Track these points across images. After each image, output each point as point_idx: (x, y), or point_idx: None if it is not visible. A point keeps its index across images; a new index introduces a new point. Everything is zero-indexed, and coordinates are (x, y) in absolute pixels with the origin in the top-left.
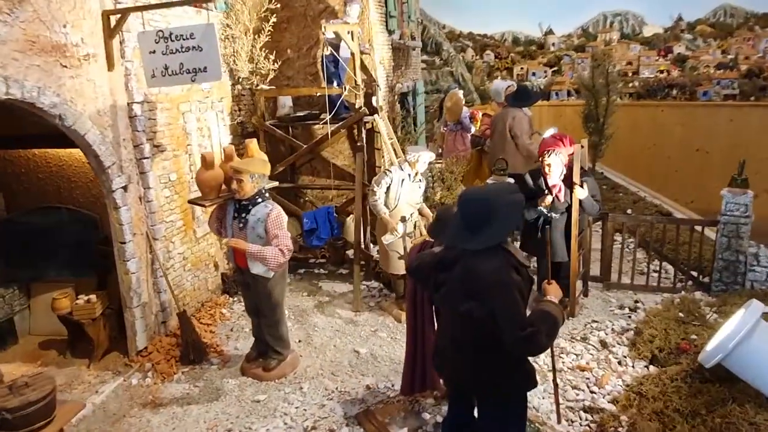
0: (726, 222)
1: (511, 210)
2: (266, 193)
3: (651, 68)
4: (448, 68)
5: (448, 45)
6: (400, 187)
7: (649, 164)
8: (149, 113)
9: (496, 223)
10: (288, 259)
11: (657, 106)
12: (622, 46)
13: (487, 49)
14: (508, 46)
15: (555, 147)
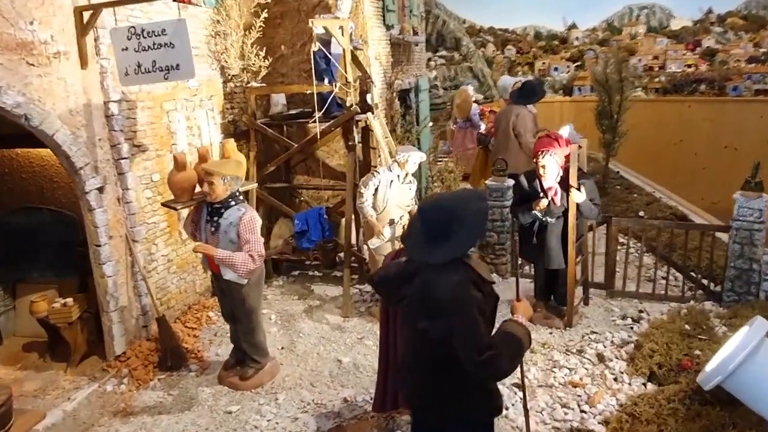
0: (738, 228)
1: (475, 220)
2: (240, 195)
3: (678, 62)
4: (467, 64)
5: (467, 40)
6: (388, 189)
7: (674, 161)
8: (128, 112)
9: (458, 234)
10: (260, 266)
11: (683, 102)
12: (649, 40)
13: (508, 43)
14: (530, 41)
15: (549, 147)
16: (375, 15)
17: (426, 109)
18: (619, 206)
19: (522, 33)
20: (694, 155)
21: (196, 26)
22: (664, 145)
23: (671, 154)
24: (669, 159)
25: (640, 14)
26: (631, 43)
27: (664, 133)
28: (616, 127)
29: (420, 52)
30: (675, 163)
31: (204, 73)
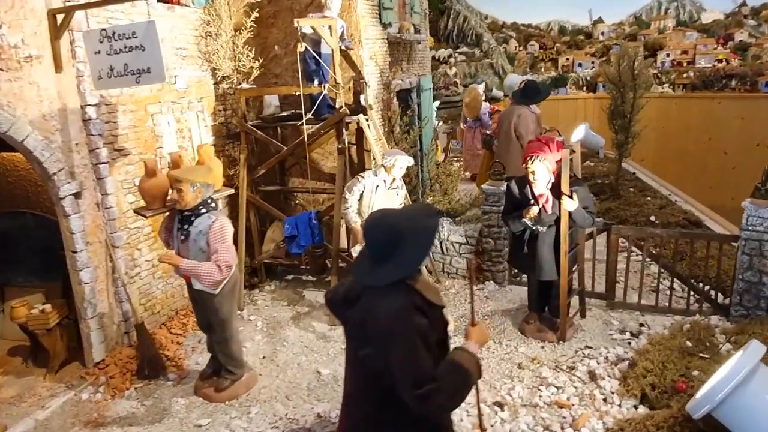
0: (747, 238)
1: (421, 240)
2: (213, 203)
3: (708, 57)
4: (488, 60)
5: (489, 36)
6: (373, 195)
7: (702, 160)
8: (108, 116)
9: (402, 254)
10: (228, 276)
11: (713, 98)
12: (678, 34)
13: (531, 39)
14: (554, 36)
15: (539, 153)
16: (369, 13)
17: (429, 108)
18: (629, 210)
19: (546, 28)
20: (723, 154)
21: (184, 27)
22: (692, 143)
23: (699, 152)
24: (697, 158)
25: (669, 7)
26: (659, 37)
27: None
28: (629, 127)
29: (423, 51)
30: (703, 162)
31: (194, 75)
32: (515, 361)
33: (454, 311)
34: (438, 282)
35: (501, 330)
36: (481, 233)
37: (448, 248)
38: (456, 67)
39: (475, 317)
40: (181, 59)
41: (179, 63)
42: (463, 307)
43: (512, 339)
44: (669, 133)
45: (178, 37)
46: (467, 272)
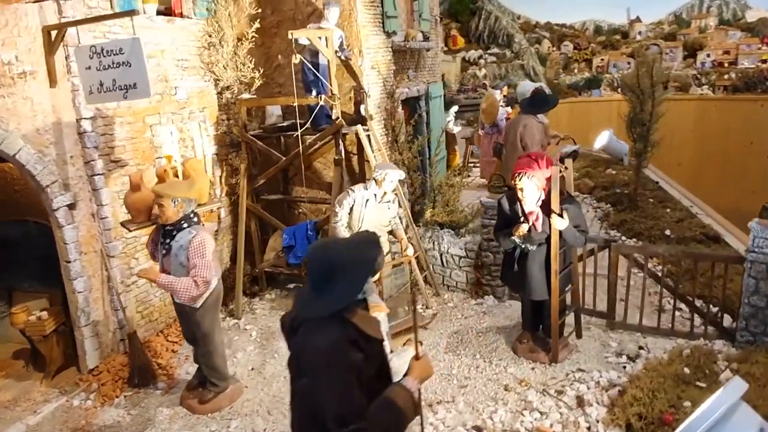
0: (753, 260)
1: (358, 271)
2: (195, 217)
3: (752, 58)
4: (518, 61)
5: (520, 37)
6: (363, 208)
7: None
8: (104, 128)
9: (339, 285)
10: (204, 292)
11: (755, 101)
12: (720, 33)
13: (565, 39)
14: (589, 36)
15: (527, 169)
16: (371, 22)
17: (439, 115)
18: (645, 223)
19: (581, 28)
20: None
21: (186, 38)
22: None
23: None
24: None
25: (711, 5)
26: (700, 36)
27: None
28: (647, 135)
29: (433, 58)
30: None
31: (196, 85)
32: (502, 382)
33: (449, 326)
34: (437, 295)
35: (493, 348)
36: (481, 247)
37: (448, 261)
38: (486, 69)
39: (419, 350)
40: (182, 70)
41: (180, 74)
42: (459, 322)
43: (503, 358)
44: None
45: (179, 49)
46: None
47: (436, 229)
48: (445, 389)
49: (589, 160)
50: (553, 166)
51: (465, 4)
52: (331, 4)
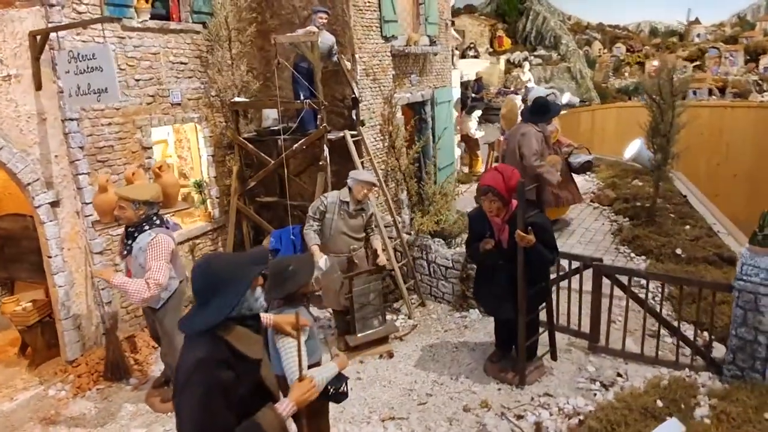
0: (741, 289)
1: (231, 286)
2: (158, 219)
3: None
4: (565, 64)
5: (568, 38)
6: (335, 216)
7: None
8: (91, 129)
9: (214, 301)
10: (155, 295)
11: None
12: None
13: (617, 41)
14: (643, 38)
15: (491, 183)
16: (368, 27)
17: (447, 121)
18: (658, 240)
19: (635, 29)
20: None
21: (182, 41)
22: None
23: None
24: None
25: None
26: (764, 39)
27: None
28: (667, 147)
29: (443, 62)
30: None
31: (191, 87)
32: (463, 401)
33: (426, 339)
34: (422, 305)
35: (464, 365)
36: (467, 259)
37: (435, 271)
38: (531, 72)
39: (302, 372)
40: (177, 73)
41: (175, 77)
42: (437, 336)
43: (471, 376)
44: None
45: (174, 52)
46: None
47: (426, 237)
48: (403, 404)
49: (618, 170)
50: (520, 179)
51: (513, 4)
52: (318, 10)
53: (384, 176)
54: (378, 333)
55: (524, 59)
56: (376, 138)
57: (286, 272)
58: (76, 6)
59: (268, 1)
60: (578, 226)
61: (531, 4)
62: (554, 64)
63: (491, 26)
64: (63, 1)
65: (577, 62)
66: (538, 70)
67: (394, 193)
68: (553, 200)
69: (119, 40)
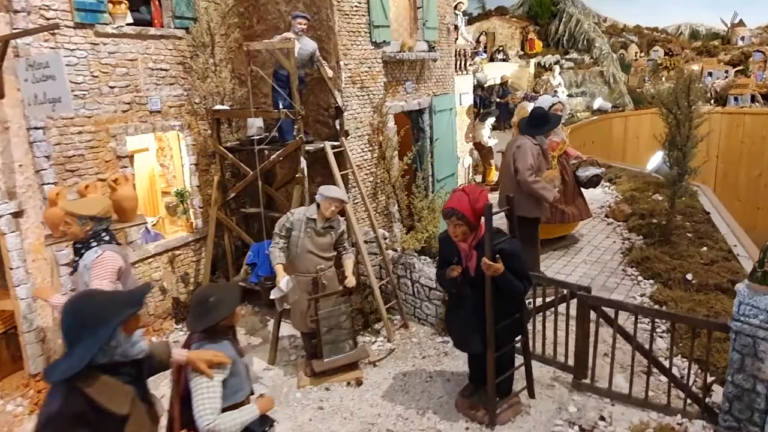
0: (738, 331)
1: (96, 329)
2: (106, 235)
3: None
4: (597, 68)
5: (602, 41)
6: (301, 233)
7: None
8: (59, 137)
9: (78, 346)
10: None
11: None
12: None
13: (655, 44)
14: (683, 41)
15: (456, 206)
16: (355, 32)
17: (448, 130)
18: (669, 263)
19: (674, 32)
20: None
21: (163, 47)
22: None
23: None
24: None
25: None
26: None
27: None
28: (683, 162)
29: (444, 69)
30: None
31: (173, 94)
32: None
33: (401, 365)
34: (405, 327)
35: (435, 397)
36: None
37: (418, 291)
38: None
39: None
40: (157, 79)
41: (155, 83)
42: (414, 362)
43: (439, 412)
44: None
45: (154, 58)
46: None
47: (412, 255)
48: None
49: (640, 182)
50: (488, 202)
51: (546, 5)
52: (297, 15)
53: (373, 188)
54: (347, 358)
55: (555, 62)
56: (364, 149)
57: (207, 303)
58: (44, 12)
59: (254, 6)
60: (587, 243)
61: (564, 6)
62: (586, 68)
63: (523, 28)
64: (29, 7)
65: (610, 66)
66: (569, 74)
67: (385, 206)
68: (558, 216)
69: (92, 47)
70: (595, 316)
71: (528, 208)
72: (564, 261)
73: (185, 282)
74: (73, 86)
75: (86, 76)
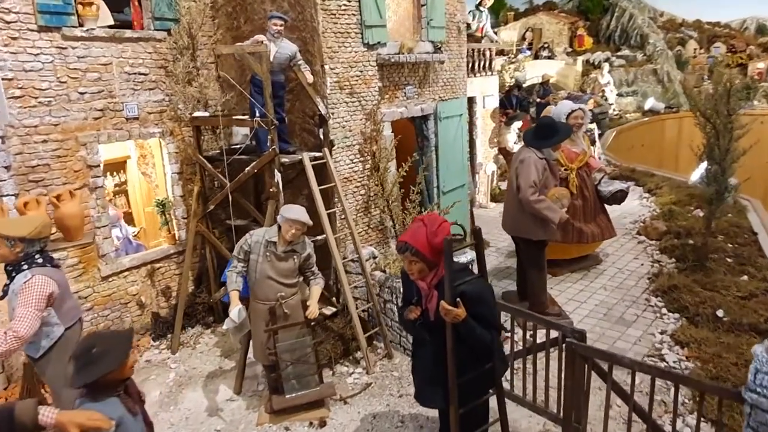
0: (754, 404)
1: None
2: (39, 258)
3: None
4: (651, 66)
5: (656, 37)
6: (260, 257)
7: None
8: (20, 147)
9: None
10: (14, 348)
11: None
12: None
13: (716, 40)
14: (748, 37)
15: (408, 240)
16: (343, 33)
17: (457, 137)
18: (700, 294)
19: (739, 27)
20: None
21: (141, 51)
22: None
23: None
24: None
25: None
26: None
27: None
28: (722, 178)
29: (453, 72)
30: None
31: (153, 99)
32: None
33: (375, 404)
34: (389, 357)
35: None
36: None
37: None
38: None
39: None
40: (134, 84)
41: (132, 89)
42: (389, 401)
43: None
44: None
45: (131, 62)
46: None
47: (399, 278)
48: None
49: (683, 194)
50: (446, 237)
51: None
52: (273, 16)
53: (365, 202)
54: (311, 395)
55: (605, 60)
56: (354, 159)
57: (89, 355)
58: (4, 15)
59: (242, 6)
60: (611, 265)
61: (617, 0)
62: (638, 66)
63: (572, 24)
64: None
65: (664, 64)
66: (619, 72)
67: (379, 221)
68: (575, 235)
69: (59, 51)
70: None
71: (532, 229)
72: (581, 285)
73: (166, 296)
74: (37, 93)
75: (52, 82)
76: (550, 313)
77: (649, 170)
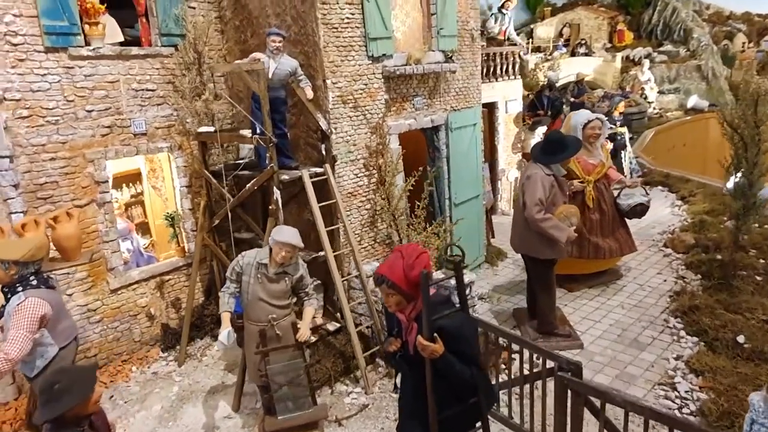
0: None
1: None
2: (34, 280)
3: None
4: (694, 61)
5: (701, 31)
6: (251, 278)
7: None
8: (29, 165)
9: None
10: (5, 370)
11: None
12: None
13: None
14: None
15: (384, 273)
16: (346, 47)
17: (470, 147)
18: (722, 317)
19: None
20: None
21: (149, 67)
22: None
23: None
24: None
25: None
26: None
27: None
28: (749, 194)
29: (465, 81)
30: None
31: (161, 114)
32: None
33: (370, 427)
34: (390, 376)
35: None
36: None
37: None
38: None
39: None
40: (142, 101)
41: (139, 105)
42: (384, 423)
43: None
44: None
45: (138, 78)
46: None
47: None
48: None
49: (717, 202)
50: (422, 271)
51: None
52: (271, 32)
53: (371, 217)
54: (303, 417)
55: (646, 56)
56: (358, 174)
57: (52, 390)
58: (11, 38)
59: (248, 20)
60: (632, 281)
61: None
62: (681, 62)
63: (611, 19)
64: None
65: (709, 59)
66: (660, 69)
67: (386, 236)
68: (591, 251)
69: (66, 71)
70: None
71: (539, 248)
72: (597, 302)
73: (176, 307)
74: (45, 112)
75: (59, 101)
76: (559, 334)
77: (685, 175)
